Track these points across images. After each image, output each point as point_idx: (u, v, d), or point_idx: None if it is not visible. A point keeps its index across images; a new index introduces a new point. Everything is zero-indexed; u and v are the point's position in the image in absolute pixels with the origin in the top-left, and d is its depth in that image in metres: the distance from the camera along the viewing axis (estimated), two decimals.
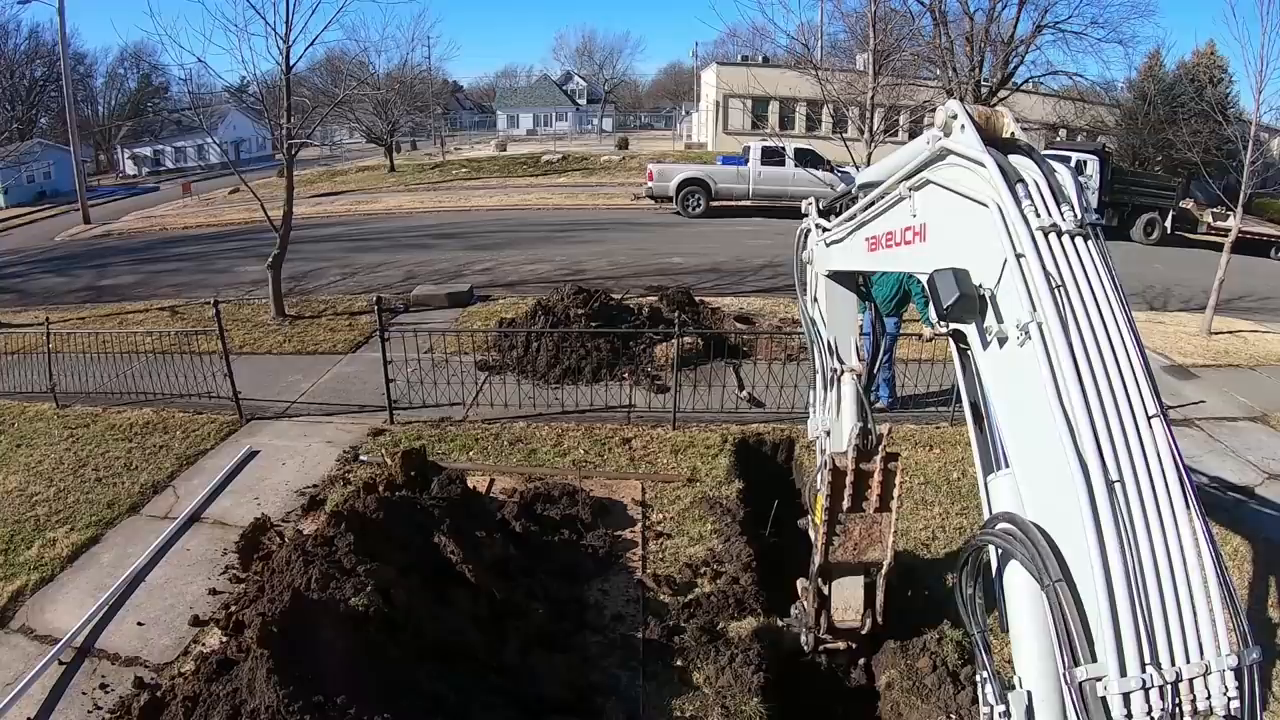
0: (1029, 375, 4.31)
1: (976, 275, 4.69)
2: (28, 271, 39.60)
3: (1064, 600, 3.87)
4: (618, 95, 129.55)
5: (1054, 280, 4.33)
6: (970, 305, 4.66)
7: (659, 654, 8.32)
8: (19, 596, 10.37)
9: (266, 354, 19.55)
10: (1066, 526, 4.03)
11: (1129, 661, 3.65)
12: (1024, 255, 4.38)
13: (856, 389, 7.85)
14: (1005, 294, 4.50)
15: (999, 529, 4.50)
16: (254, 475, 13.17)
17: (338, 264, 30.51)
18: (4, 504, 12.88)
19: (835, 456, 7.24)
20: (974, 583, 4.92)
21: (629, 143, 77.22)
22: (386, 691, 6.52)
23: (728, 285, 23.47)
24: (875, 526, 7.43)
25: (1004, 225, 4.49)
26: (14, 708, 8.38)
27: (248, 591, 9.28)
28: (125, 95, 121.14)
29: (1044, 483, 4.30)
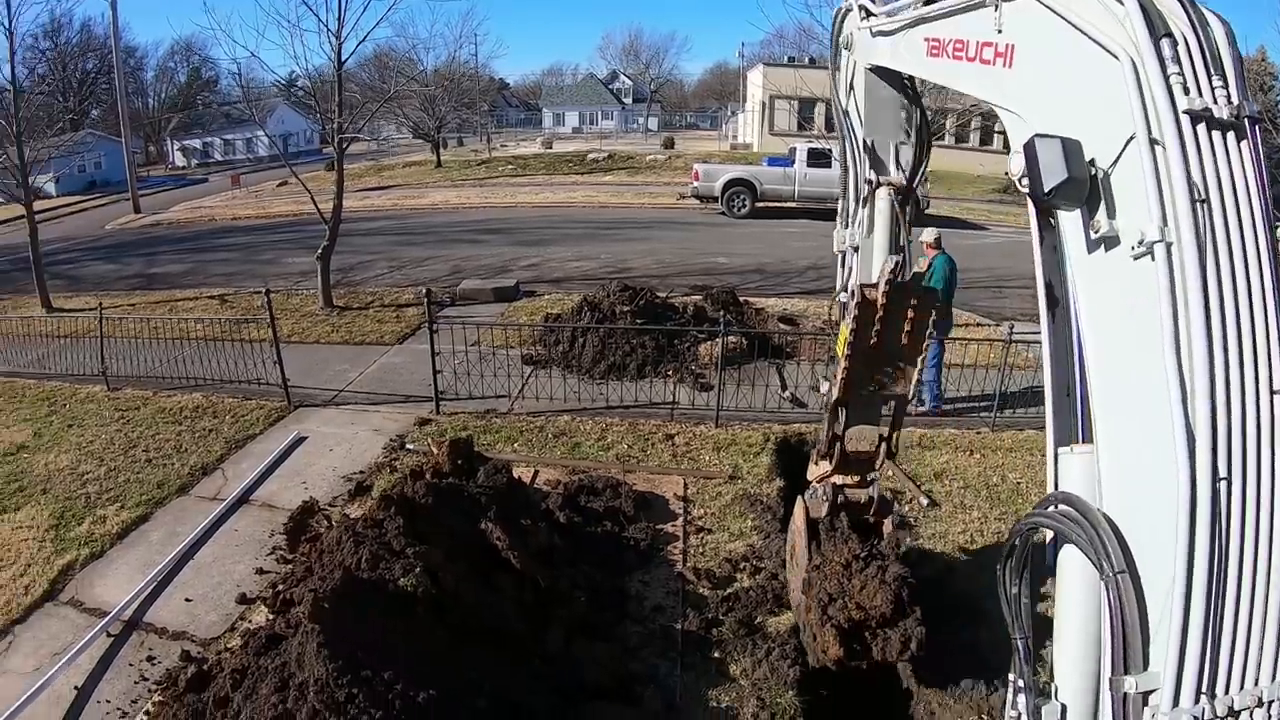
0: (1139, 301, 3.55)
1: (1089, 148, 3.75)
2: (79, 258, 40.25)
3: (1124, 595, 3.50)
4: (663, 95, 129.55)
5: (1197, 191, 3.39)
6: (1078, 192, 3.75)
7: (697, 645, 8.39)
8: (69, 570, 10.71)
9: (315, 343, 19.90)
10: (1149, 516, 3.52)
11: (1185, 687, 3.31)
12: (1161, 144, 3.43)
13: (893, 207, 7.26)
14: (1126, 186, 3.63)
15: (1054, 511, 4.07)
16: (301, 460, 13.43)
17: (385, 257, 30.80)
18: (56, 481, 13.30)
19: (865, 288, 6.50)
20: (1019, 578, 4.39)
21: (674, 142, 77.10)
22: (432, 670, 6.65)
23: (772, 286, 23.51)
24: (900, 358, 6.86)
25: (1139, 93, 3.49)
26: (62, 676, 8.66)
27: (294, 572, 9.46)
28: (175, 88, 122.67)
29: (1131, 453, 3.68)
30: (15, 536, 11.70)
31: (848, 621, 7.32)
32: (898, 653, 7.28)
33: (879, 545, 7.76)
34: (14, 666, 9.07)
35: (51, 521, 11.97)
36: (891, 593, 7.18)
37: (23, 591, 10.35)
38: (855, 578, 7.38)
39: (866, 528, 8.00)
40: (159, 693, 8.22)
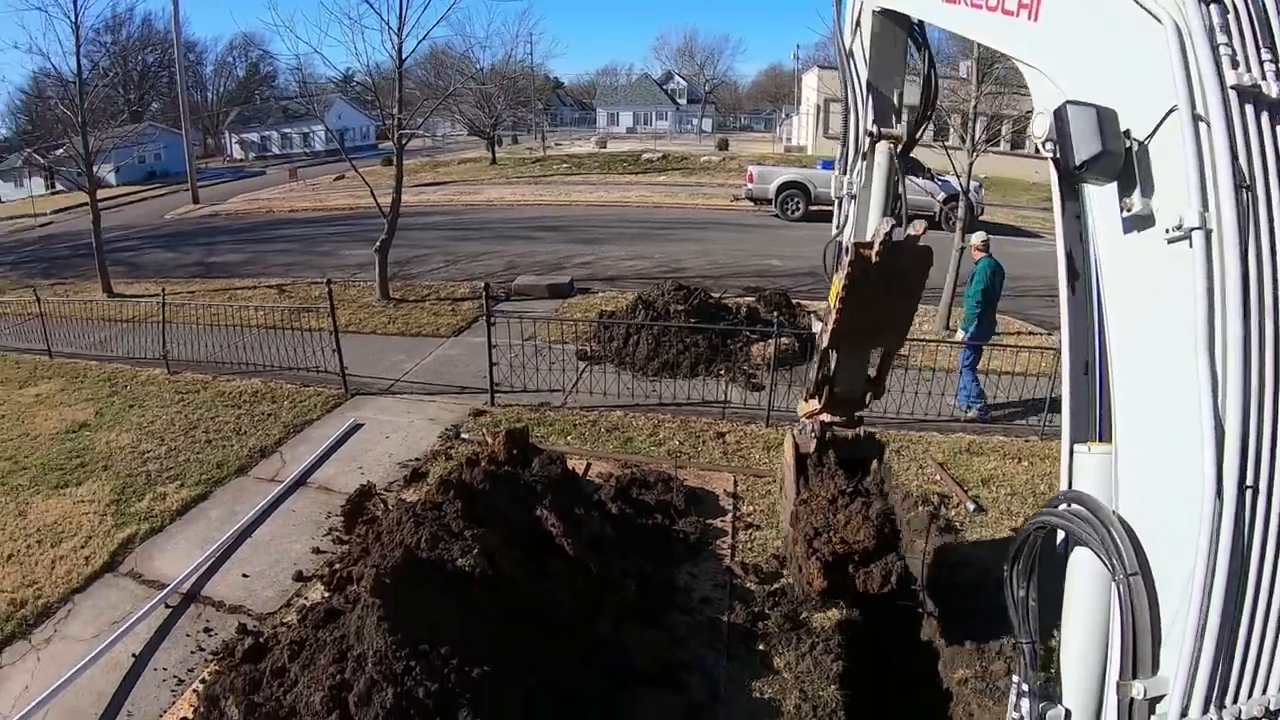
0: (1171, 288, 3.30)
1: (1125, 117, 3.47)
2: (139, 246, 40.99)
3: (1135, 598, 3.39)
4: (717, 96, 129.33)
5: (1242, 175, 3.14)
6: (1112, 166, 3.47)
7: (743, 638, 8.46)
8: (129, 544, 11.07)
9: (371, 334, 20.26)
10: (1166, 519, 3.36)
11: (1196, 696, 3.22)
12: (1206, 121, 3.16)
13: (892, 161, 7.03)
14: (1162, 163, 3.35)
15: (1065, 510, 3.90)
16: (358, 446, 13.68)
17: (440, 251, 31.09)
18: (117, 458, 13.71)
19: (860, 247, 6.38)
20: (1026, 581, 4.22)
21: (728, 144, 76.95)
22: (485, 649, 6.78)
23: (824, 290, 23.24)
24: (892, 312, 6.86)
25: (1183, 63, 3.21)
26: (120, 644, 8.96)
27: (351, 552, 9.66)
28: (233, 83, 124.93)
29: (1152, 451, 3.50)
30: (77, 510, 12.10)
31: (831, 555, 7.58)
32: (878, 585, 7.53)
33: (864, 482, 7.89)
34: (73, 633, 9.42)
35: (112, 496, 12.36)
36: (874, 528, 7.43)
37: (83, 562, 10.72)
38: (840, 513, 7.64)
39: (854, 465, 8.13)
40: (215, 662, 8.50)
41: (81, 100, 28.00)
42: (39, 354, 21.46)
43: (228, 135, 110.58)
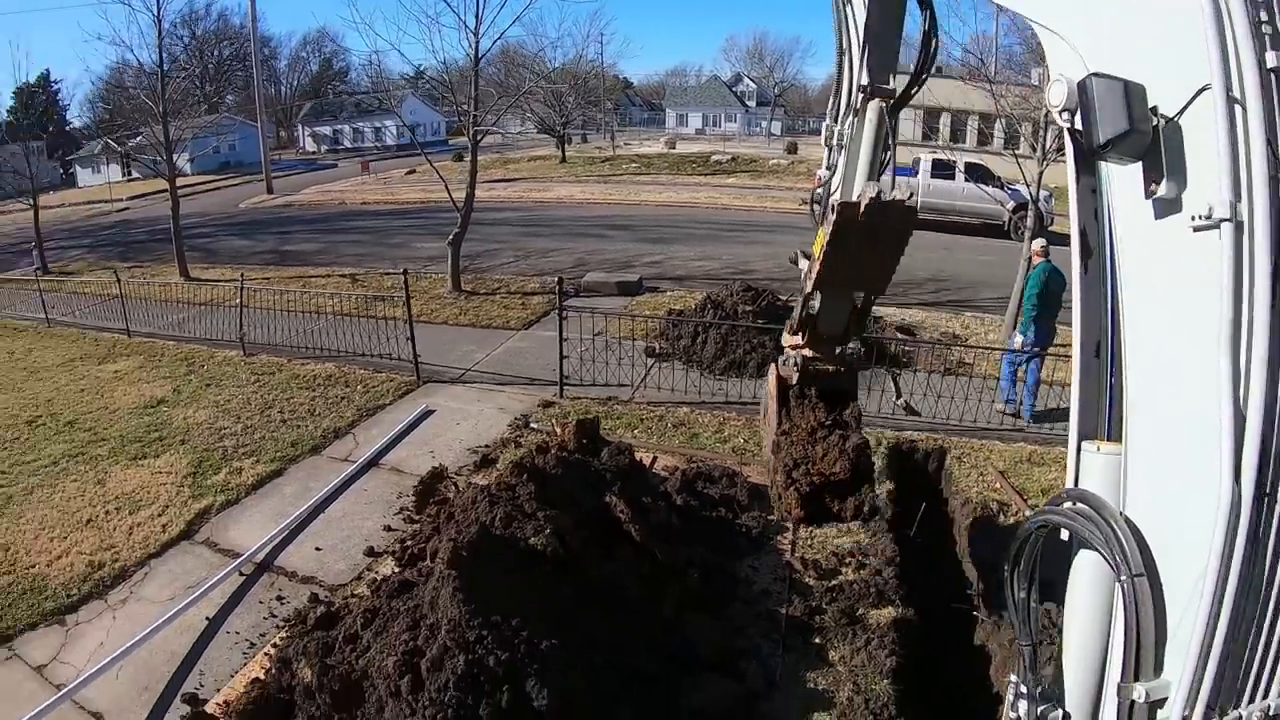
0: (1194, 280, 3.12)
1: (1153, 93, 3.22)
2: (215, 233, 41.88)
3: (1140, 599, 3.28)
4: (787, 99, 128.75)
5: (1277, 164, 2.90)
6: (1138, 145, 3.22)
7: (800, 630, 8.57)
8: (205, 514, 11.54)
9: (443, 324, 20.53)
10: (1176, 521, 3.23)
11: (1199, 700, 3.10)
12: (1241, 104, 2.93)
13: (883, 119, 6.85)
14: (1190, 144, 3.12)
15: (1068, 508, 3.77)
16: (429, 431, 13.99)
17: (511, 247, 31.38)
18: (194, 434, 14.22)
19: (844, 206, 6.18)
20: (1027, 581, 4.06)
21: (797, 147, 76.48)
22: (554, 624, 6.98)
23: (891, 296, 23.14)
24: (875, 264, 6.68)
25: (1219, 38, 2.96)
26: (195, 607, 9.36)
27: (422, 530, 10.01)
28: (307, 77, 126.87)
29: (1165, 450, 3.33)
30: (155, 480, 12.59)
31: (809, 485, 7.59)
32: (851, 515, 7.54)
33: (843, 415, 8.00)
34: (149, 595, 9.88)
35: (189, 469, 12.83)
36: (850, 461, 7.37)
37: (160, 529, 11.20)
38: (819, 444, 7.61)
39: (835, 397, 8.24)
40: (286, 628, 8.85)
41: (163, 91, 28.76)
42: (118, 333, 22.19)
43: (300, 128, 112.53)
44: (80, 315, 25.39)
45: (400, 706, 6.56)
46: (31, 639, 9.33)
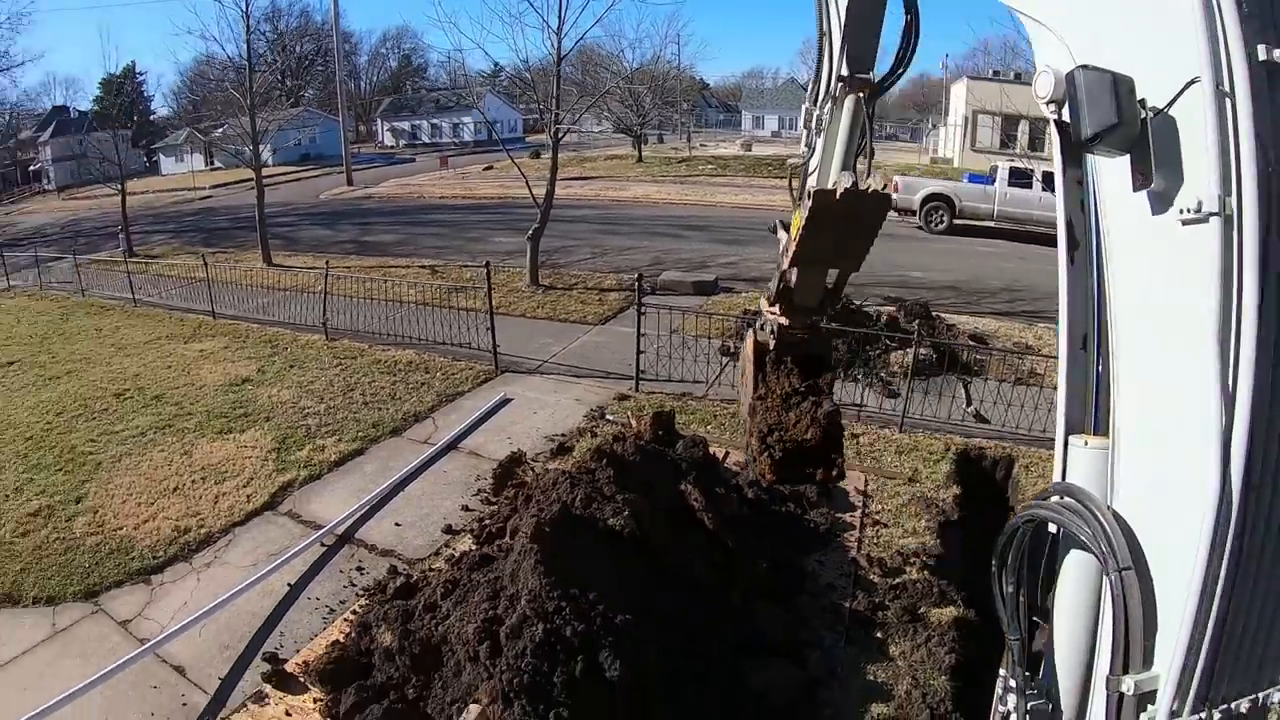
0: (1184, 273, 3.14)
1: (1141, 86, 3.22)
2: (296, 223, 42.74)
3: (1128, 593, 3.30)
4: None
5: (1270, 157, 2.93)
6: (1126, 138, 3.22)
7: (863, 624, 8.71)
8: (288, 487, 11.98)
9: (520, 317, 20.89)
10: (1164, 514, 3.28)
11: (1187, 695, 3.15)
12: (1231, 98, 2.95)
13: (860, 109, 6.87)
14: (1180, 137, 3.12)
15: (1055, 502, 3.80)
16: (506, 418, 14.31)
17: (588, 244, 31.60)
18: (278, 412, 14.73)
19: (820, 193, 6.38)
20: (1015, 576, 4.06)
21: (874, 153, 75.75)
22: (628, 601, 7.19)
23: (964, 304, 23.22)
24: (850, 245, 6.88)
25: (1206, 28, 2.97)
26: (277, 574, 9.77)
27: (500, 511, 10.27)
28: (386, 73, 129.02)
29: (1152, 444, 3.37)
30: (240, 453, 13.09)
31: (781, 451, 7.73)
32: (820, 478, 7.76)
33: (817, 382, 8.12)
34: (233, 560, 10.36)
35: (274, 445, 13.31)
36: (821, 428, 7.59)
37: (245, 500, 11.69)
38: (792, 411, 7.80)
39: (811, 361, 8.37)
40: (365, 597, 9.23)
41: (250, 83, 29.51)
42: (203, 314, 22.89)
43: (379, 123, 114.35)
44: (165, 296, 26.17)
45: (478, 670, 6.87)
46: (118, 595, 9.84)
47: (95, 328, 23.13)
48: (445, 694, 7.11)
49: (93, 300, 27.10)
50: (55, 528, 11.35)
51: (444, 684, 7.18)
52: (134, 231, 38.40)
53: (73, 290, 28.62)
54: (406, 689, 7.28)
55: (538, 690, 6.49)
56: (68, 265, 30.86)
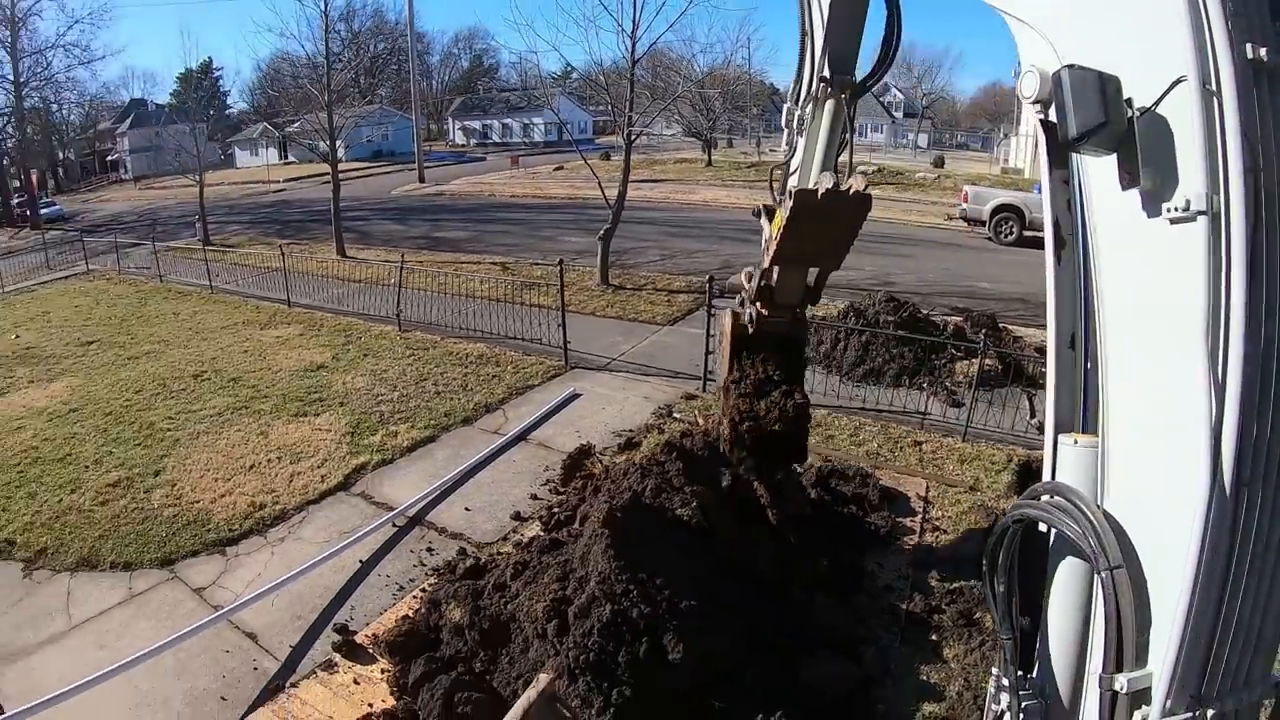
0: (1171, 271, 3.17)
1: (1127, 85, 3.26)
2: (369, 217, 43.35)
3: (1119, 592, 3.33)
4: (934, 111, 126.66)
5: (1257, 154, 2.99)
6: (1112, 137, 3.26)
7: (918, 626, 8.78)
8: (361, 470, 12.33)
9: (590, 315, 21.13)
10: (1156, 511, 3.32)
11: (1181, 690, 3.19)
12: (1217, 97, 2.99)
13: (841, 109, 7.19)
14: (1167, 136, 3.15)
15: (1045, 502, 3.84)
16: (575, 413, 14.54)
17: (657, 246, 31.71)
18: (352, 398, 15.14)
19: (802, 193, 6.50)
20: (1006, 574, 4.08)
21: (944, 161, 74.97)
22: (693, 588, 7.36)
23: (1033, 317, 22.84)
24: (831, 243, 7.05)
25: (1191, 27, 3.03)
26: (349, 550, 10.14)
27: (568, 500, 10.57)
28: (458, 73, 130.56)
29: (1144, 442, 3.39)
30: (315, 435, 13.51)
31: (751, 440, 8.14)
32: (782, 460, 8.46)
33: (791, 371, 8.43)
34: (307, 536, 10.74)
35: (348, 429, 13.71)
36: (791, 421, 7.99)
37: (319, 480, 12.07)
38: (764, 400, 8.12)
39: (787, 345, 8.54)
40: (435, 576, 9.55)
41: (329, 80, 30.09)
42: (278, 302, 23.45)
43: (451, 121, 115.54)
44: (241, 284, 26.78)
45: (545, 647, 7.10)
46: (193, 565, 10.28)
47: (173, 312, 23.78)
48: (512, 669, 7.36)
49: (170, 285, 27.79)
50: (133, 498, 11.80)
51: (511, 659, 7.43)
52: (210, 221, 39.24)
53: (150, 275, 29.41)
54: (474, 662, 7.55)
55: (602, 668, 6.72)
56: (145, 251, 31.69)
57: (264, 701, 7.89)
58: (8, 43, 68.31)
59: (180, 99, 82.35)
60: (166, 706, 7.90)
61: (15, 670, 8.64)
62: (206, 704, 7.90)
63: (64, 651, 8.86)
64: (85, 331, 22.19)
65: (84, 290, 28.66)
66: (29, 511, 11.65)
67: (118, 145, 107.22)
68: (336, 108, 31.27)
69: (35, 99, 74.70)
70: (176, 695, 8.02)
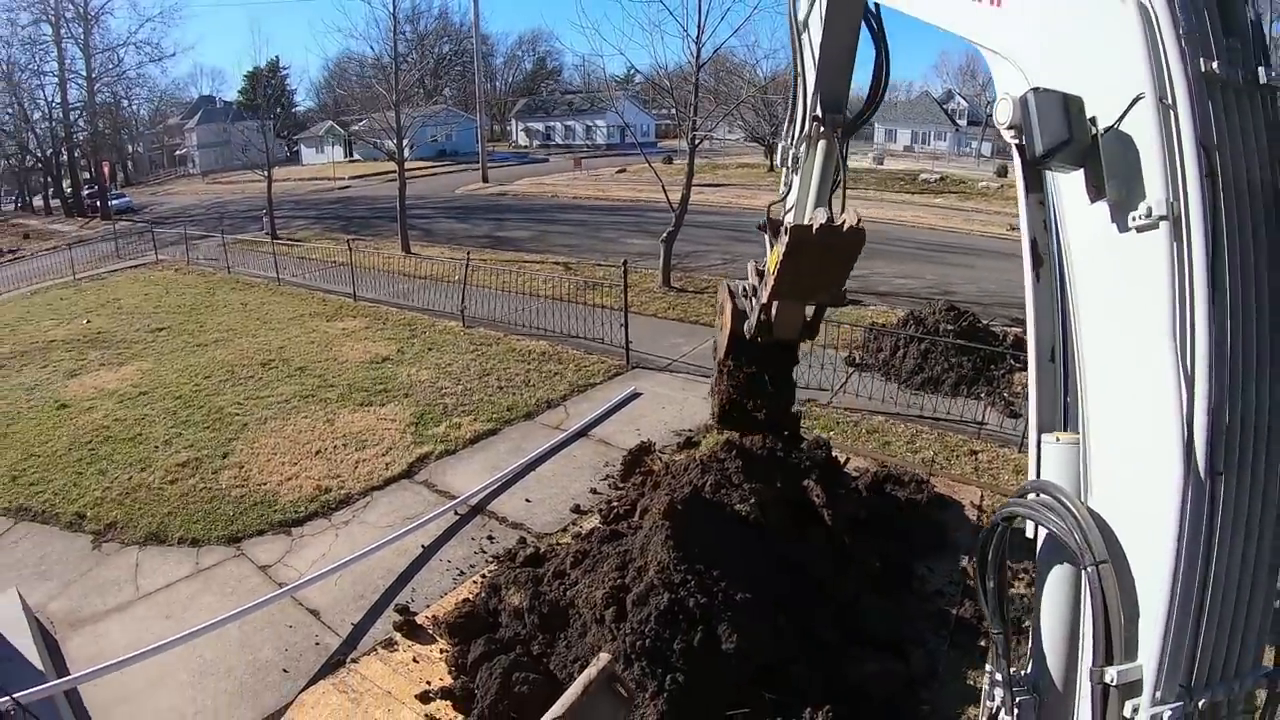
0: (1140, 276, 3.29)
1: (1090, 104, 3.44)
2: (433, 215, 43.87)
3: (1106, 586, 3.38)
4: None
5: (1212, 161, 3.14)
6: (1077, 154, 3.43)
7: (967, 631, 8.83)
8: (425, 459, 12.63)
9: (651, 316, 21.27)
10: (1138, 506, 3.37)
11: (1169, 680, 3.25)
12: (1173, 109, 3.15)
13: (833, 147, 7.31)
14: (1130, 150, 3.29)
15: (1033, 500, 3.88)
16: (636, 411, 14.74)
17: (719, 250, 31.78)
18: (417, 390, 15.47)
19: (798, 229, 6.73)
20: (996, 571, 4.16)
21: (1008, 170, 74.48)
22: (748, 581, 7.55)
23: None
24: (827, 274, 7.13)
25: (1147, 47, 3.20)
26: (411, 535, 10.44)
27: (627, 495, 10.70)
28: (521, 74, 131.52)
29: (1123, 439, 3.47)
30: (380, 425, 13.83)
31: (737, 426, 8.67)
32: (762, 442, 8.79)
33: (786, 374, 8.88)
34: (370, 520, 11.06)
35: (412, 420, 14.02)
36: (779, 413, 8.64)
37: (384, 467, 12.40)
38: (756, 396, 8.63)
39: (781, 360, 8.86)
40: (495, 563, 9.79)
41: (395, 81, 30.60)
42: (344, 296, 23.87)
43: (514, 123, 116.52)
44: (308, 277, 27.28)
45: (603, 632, 7.31)
46: (259, 543, 10.64)
47: (240, 302, 24.29)
48: (569, 653, 7.56)
49: (237, 277, 28.39)
50: (202, 478, 12.19)
51: (568, 644, 7.64)
52: (277, 216, 40.01)
53: (218, 266, 29.98)
54: (532, 645, 7.76)
55: (657, 654, 6.93)
56: (213, 243, 32.35)
57: (324, 675, 8.19)
58: (81, 39, 69.95)
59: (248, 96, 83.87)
60: (230, 676, 8.22)
61: (82, 636, 9.01)
62: (269, 675, 8.22)
63: (131, 620, 9.24)
64: (155, 318, 22.76)
65: (153, 279, 29.31)
66: (99, 487, 12.08)
67: (186, 140, 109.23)
68: (402, 107, 31.67)
69: (106, 94, 76.43)
70: (240, 665, 8.35)
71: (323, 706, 7.75)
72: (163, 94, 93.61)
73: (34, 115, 71.51)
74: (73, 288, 28.90)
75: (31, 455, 13.41)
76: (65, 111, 72.17)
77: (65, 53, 70.44)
